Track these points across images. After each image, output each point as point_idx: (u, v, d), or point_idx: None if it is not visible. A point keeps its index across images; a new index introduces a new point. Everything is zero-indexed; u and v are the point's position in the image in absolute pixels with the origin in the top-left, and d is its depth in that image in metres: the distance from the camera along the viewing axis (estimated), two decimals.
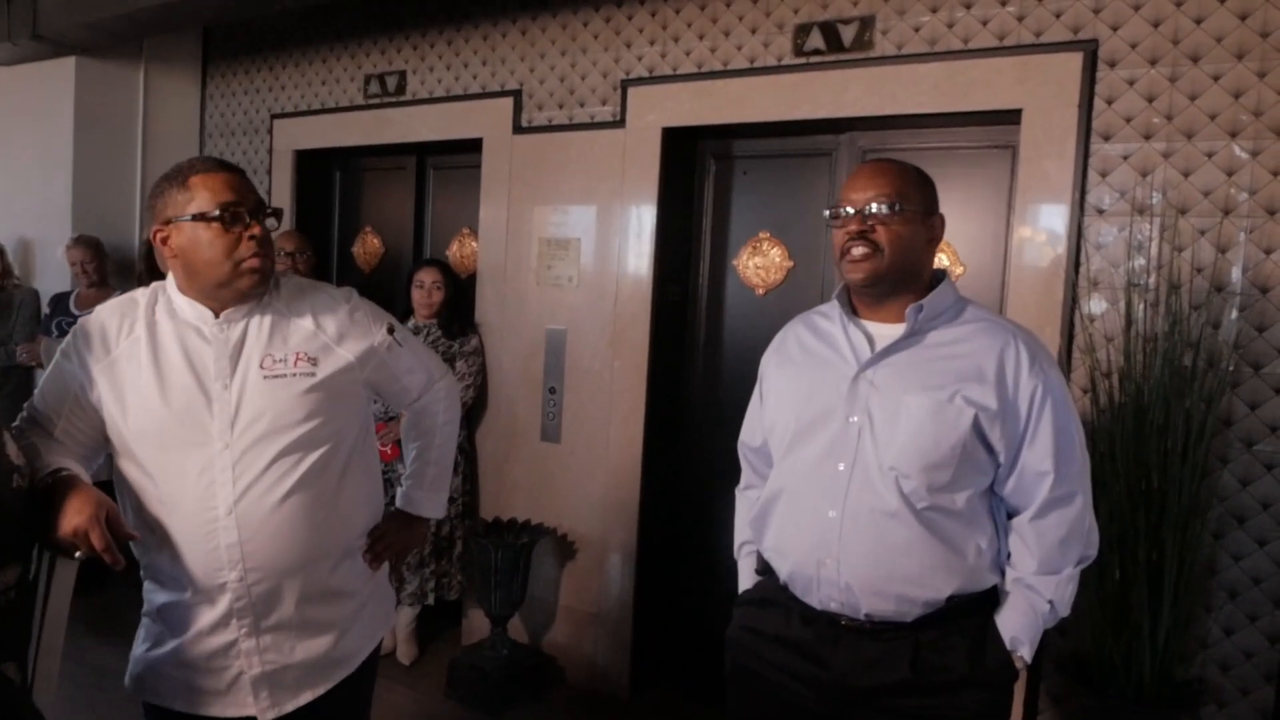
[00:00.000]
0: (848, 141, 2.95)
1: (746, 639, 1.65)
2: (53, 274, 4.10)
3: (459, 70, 3.57)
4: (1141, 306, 2.31)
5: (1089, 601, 2.26)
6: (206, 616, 1.51)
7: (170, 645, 1.54)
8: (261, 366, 1.51)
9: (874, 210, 1.48)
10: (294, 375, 1.52)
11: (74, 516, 1.32)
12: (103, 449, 1.56)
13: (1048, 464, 1.45)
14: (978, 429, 1.44)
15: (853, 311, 1.59)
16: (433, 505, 1.85)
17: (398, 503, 1.84)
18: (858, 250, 1.49)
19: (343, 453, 1.59)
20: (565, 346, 3.34)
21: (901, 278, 1.51)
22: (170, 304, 1.55)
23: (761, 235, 3.15)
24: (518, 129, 3.42)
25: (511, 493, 3.49)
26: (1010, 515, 1.54)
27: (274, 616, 1.53)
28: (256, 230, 1.48)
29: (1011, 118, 2.53)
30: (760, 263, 3.16)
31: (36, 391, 1.60)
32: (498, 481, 3.52)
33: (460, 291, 3.57)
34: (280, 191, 4.15)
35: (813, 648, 1.53)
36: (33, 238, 4.24)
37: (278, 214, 1.55)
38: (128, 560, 1.40)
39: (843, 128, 2.92)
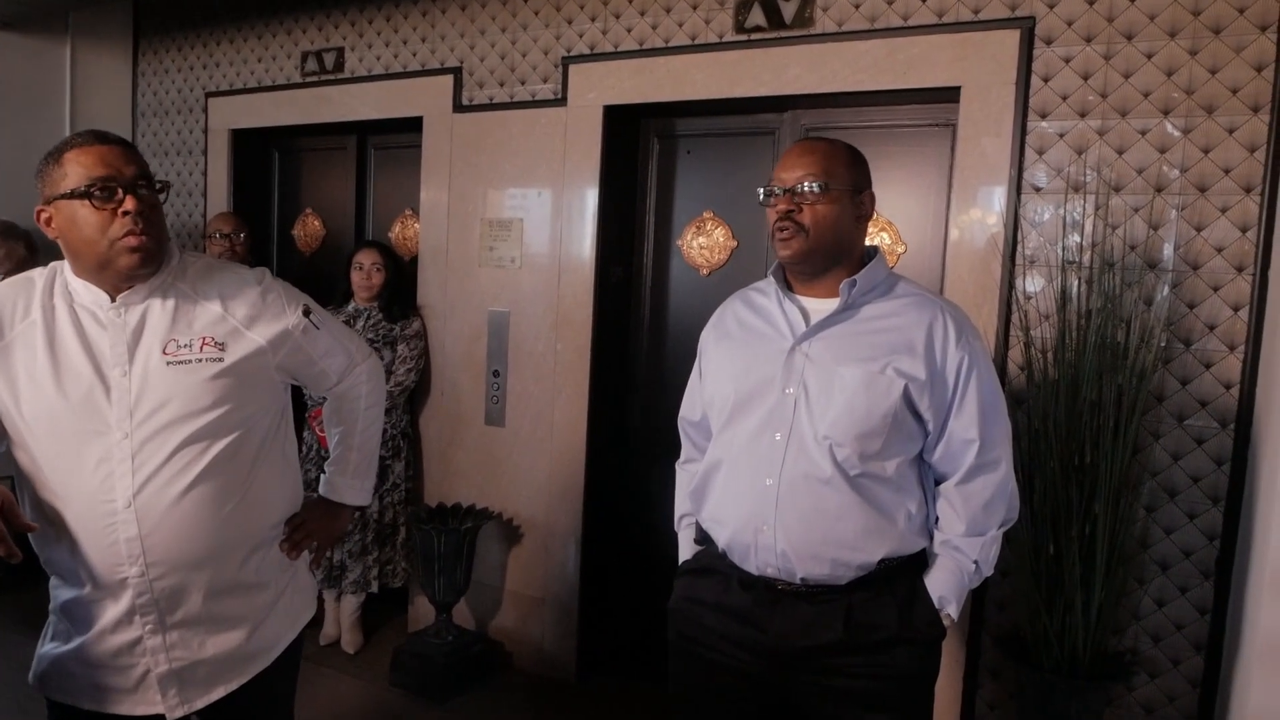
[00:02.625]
0: (790, 120, 2.89)
1: (686, 608, 1.67)
2: None
3: (398, 47, 3.45)
4: (1076, 284, 2.29)
5: (1024, 577, 2.25)
6: (109, 613, 1.42)
7: (75, 642, 1.45)
8: (164, 352, 1.42)
9: (801, 190, 1.51)
10: (199, 361, 1.43)
11: None
12: (2, 439, 1.45)
13: (974, 431, 1.51)
14: (907, 399, 1.49)
15: (788, 287, 1.62)
16: (357, 492, 1.77)
17: (320, 490, 1.76)
18: (785, 230, 1.52)
19: (255, 440, 1.51)
20: (508, 329, 3.26)
21: (830, 255, 1.54)
22: (67, 286, 1.45)
23: (705, 215, 3.09)
24: (458, 107, 3.31)
25: (456, 478, 3.40)
26: (938, 481, 1.59)
27: (180, 612, 1.44)
28: (130, 205, 1.35)
29: (950, 95, 2.49)
30: (704, 243, 3.10)
31: None
32: (442, 466, 3.43)
33: (402, 274, 3.46)
34: (217, 172, 3.99)
35: (751, 613, 1.56)
36: None
37: (162, 187, 1.44)
38: (30, 555, 1.31)
39: (785, 106, 2.86)
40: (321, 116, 3.65)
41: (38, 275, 1.47)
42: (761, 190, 1.56)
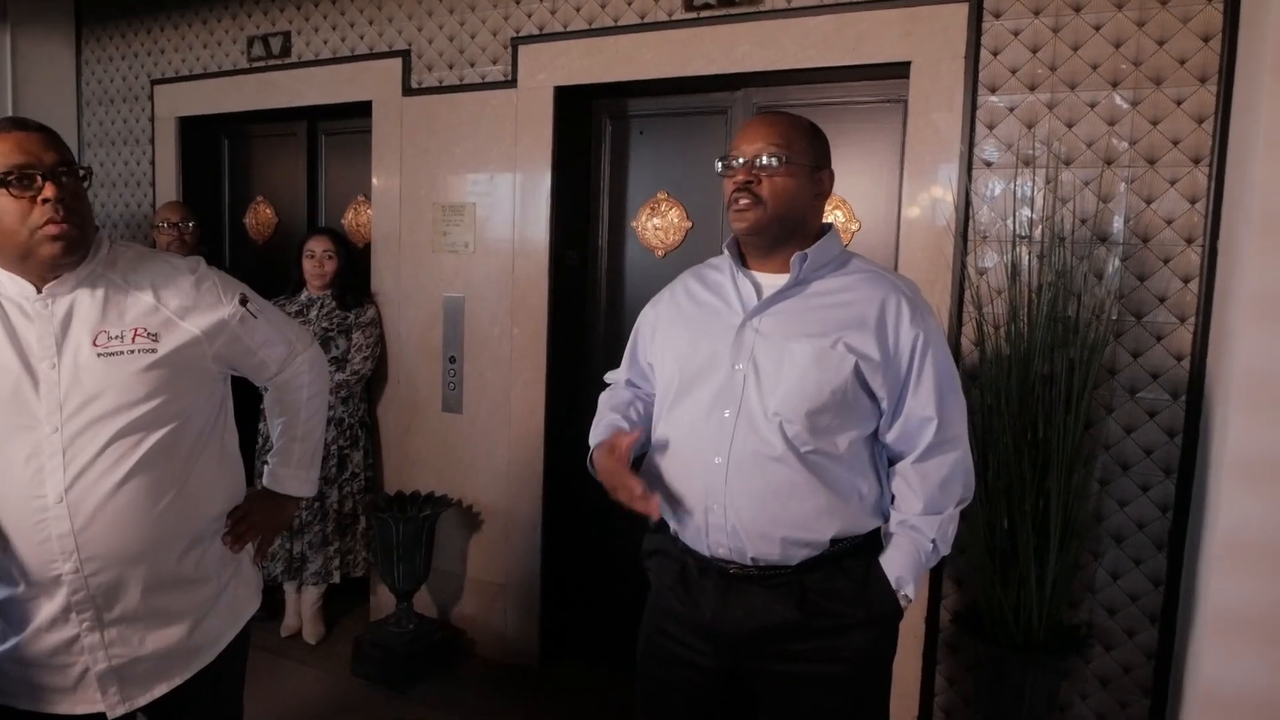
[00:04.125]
0: (743, 98, 2.80)
1: (655, 598, 1.61)
2: None
3: (345, 30, 3.30)
4: (1028, 259, 2.23)
5: (979, 553, 2.19)
6: (44, 611, 1.35)
7: (11, 643, 1.37)
8: (95, 344, 1.35)
9: (761, 162, 1.44)
10: (132, 352, 1.36)
11: None
12: None
13: (931, 409, 1.45)
14: (859, 375, 1.42)
15: (742, 262, 1.55)
16: (301, 483, 1.70)
17: (264, 481, 1.69)
18: (742, 200, 1.45)
19: (192, 432, 1.44)
20: (464, 314, 3.14)
21: (786, 229, 1.47)
22: None
23: (660, 196, 2.99)
24: (407, 90, 3.17)
25: (415, 465, 3.29)
26: (893, 461, 1.53)
27: (118, 608, 1.38)
28: (50, 192, 1.29)
29: (901, 71, 2.41)
30: (659, 224, 3.00)
31: None
32: (400, 454, 3.32)
33: (355, 261, 3.33)
34: (165, 161, 3.82)
35: (705, 598, 1.50)
36: None
37: (85, 174, 1.36)
38: None
39: (737, 84, 2.77)
40: (270, 102, 3.50)
41: None
42: (720, 161, 1.49)
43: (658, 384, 1.61)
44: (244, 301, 1.50)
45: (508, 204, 3.02)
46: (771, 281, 1.49)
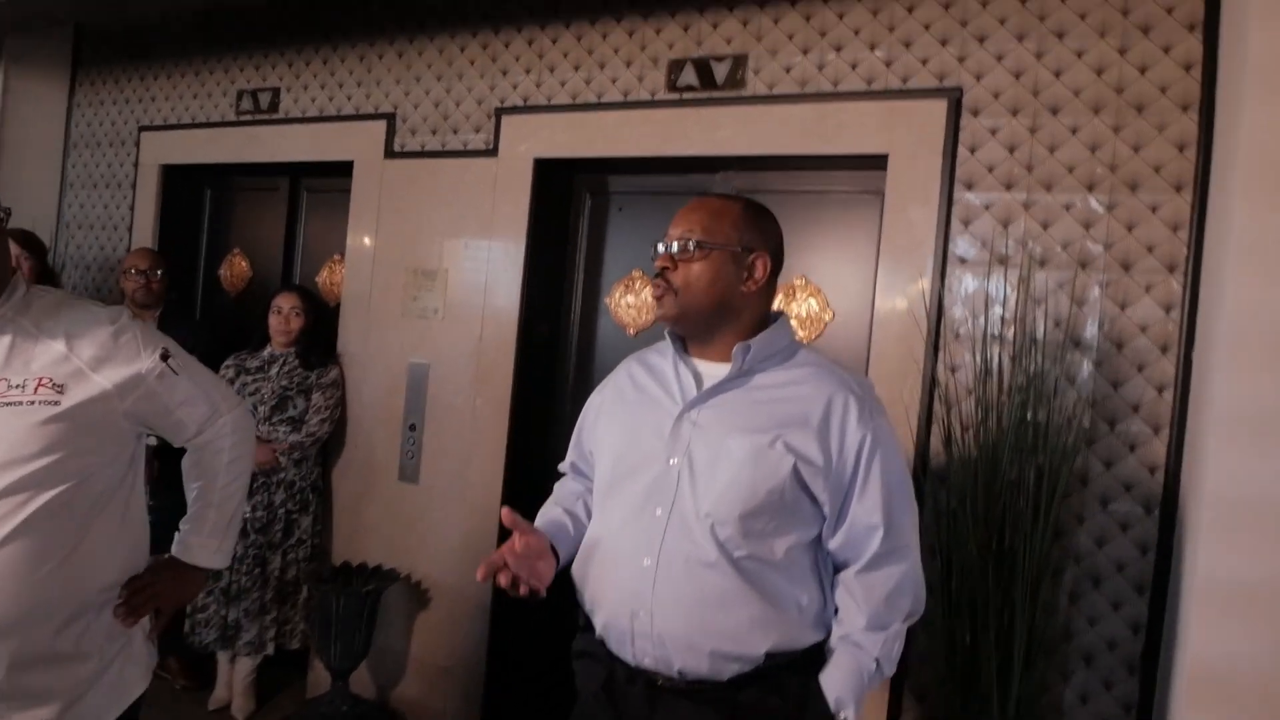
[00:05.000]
0: (722, 181, 2.76)
1: (580, 697, 1.47)
2: None
3: (333, 90, 3.28)
4: (999, 359, 2.15)
5: (939, 667, 2.05)
6: None
7: None
8: None
9: (674, 248, 1.37)
10: (32, 404, 1.25)
11: None
12: None
13: (877, 517, 1.34)
14: (798, 477, 1.31)
15: (685, 349, 1.45)
16: (212, 554, 1.56)
17: (173, 549, 1.54)
18: (657, 289, 1.38)
19: (91, 493, 1.32)
20: (428, 382, 3.03)
21: (709, 317, 1.39)
22: None
23: (635, 274, 2.92)
24: (390, 153, 3.13)
25: (366, 535, 3.13)
26: (837, 569, 1.40)
27: None
28: None
29: (879, 163, 2.37)
30: (632, 301, 2.92)
31: None
32: (353, 523, 3.16)
33: (323, 320, 3.23)
34: (144, 207, 3.75)
35: (631, 709, 1.38)
36: None
37: (2, 214, 1.29)
38: None
39: (718, 167, 2.73)
40: (253, 156, 3.45)
41: None
42: (654, 246, 1.41)
43: (596, 474, 1.49)
44: (165, 357, 1.40)
45: (481, 272, 2.95)
46: (712, 371, 1.41)
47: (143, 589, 1.43)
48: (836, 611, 1.38)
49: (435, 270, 3.04)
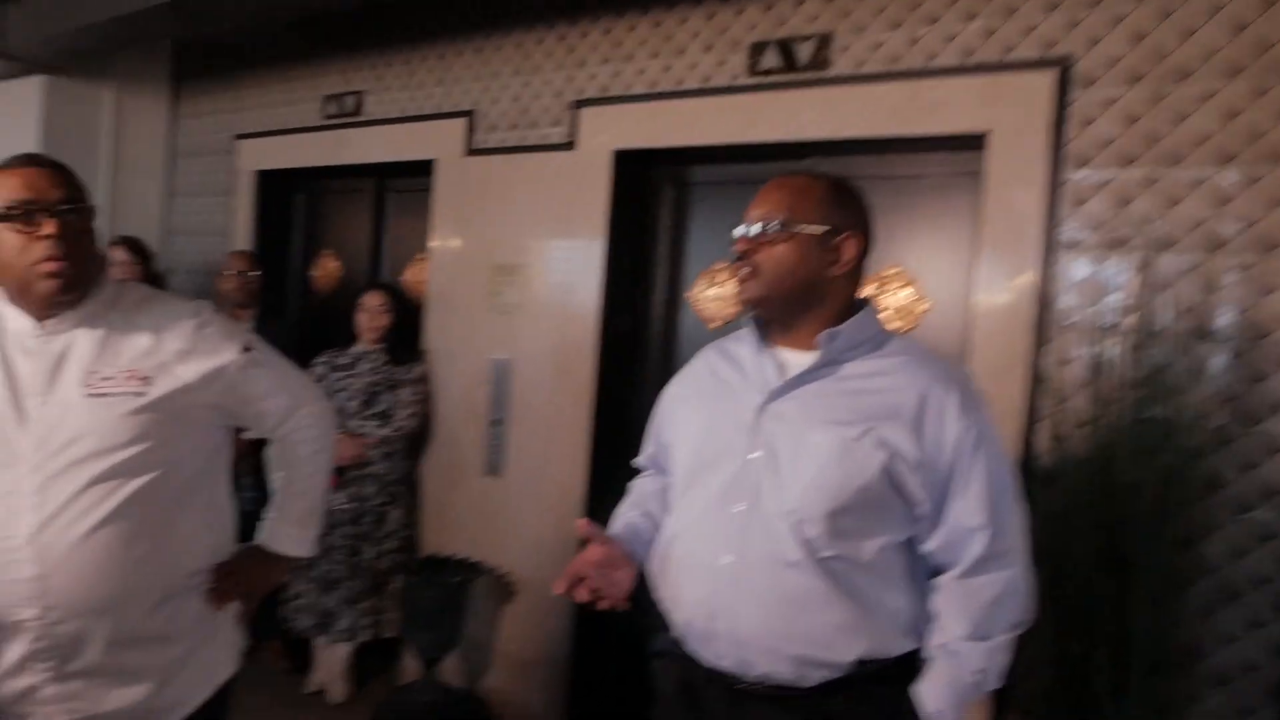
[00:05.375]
0: (807, 168, 2.59)
1: (660, 699, 1.42)
2: None
3: (414, 91, 3.26)
4: (1114, 351, 1.94)
5: (1045, 681, 1.87)
6: (7, 657, 1.28)
7: None
8: (85, 384, 1.29)
9: (756, 230, 1.27)
10: (121, 395, 1.29)
11: None
12: None
13: (981, 518, 1.23)
14: (890, 473, 1.21)
15: (766, 338, 1.35)
16: (296, 543, 1.58)
17: (258, 536, 1.56)
18: (741, 272, 1.29)
19: (177, 482, 1.35)
20: (511, 377, 2.99)
21: (793, 303, 1.29)
22: (1, 315, 1.33)
23: (718, 266, 2.80)
24: (470, 151, 3.09)
25: (453, 528, 3.12)
26: (935, 573, 1.28)
27: (80, 660, 1.29)
28: (50, 229, 1.25)
29: (977, 143, 2.18)
30: (716, 294, 2.80)
31: None
32: (440, 516, 3.16)
33: (409, 317, 3.23)
34: (242, 212, 3.85)
35: (711, 711, 1.31)
36: None
37: (87, 210, 1.32)
38: None
39: (803, 153, 2.56)
40: (340, 159, 3.48)
41: None
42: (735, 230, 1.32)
43: (673, 468, 1.42)
44: (247, 350, 1.42)
45: (561, 267, 2.88)
46: (797, 360, 1.31)
47: (230, 574, 1.47)
48: (934, 619, 1.27)
49: (516, 266, 2.99)
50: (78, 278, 1.30)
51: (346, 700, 3.12)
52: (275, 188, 3.86)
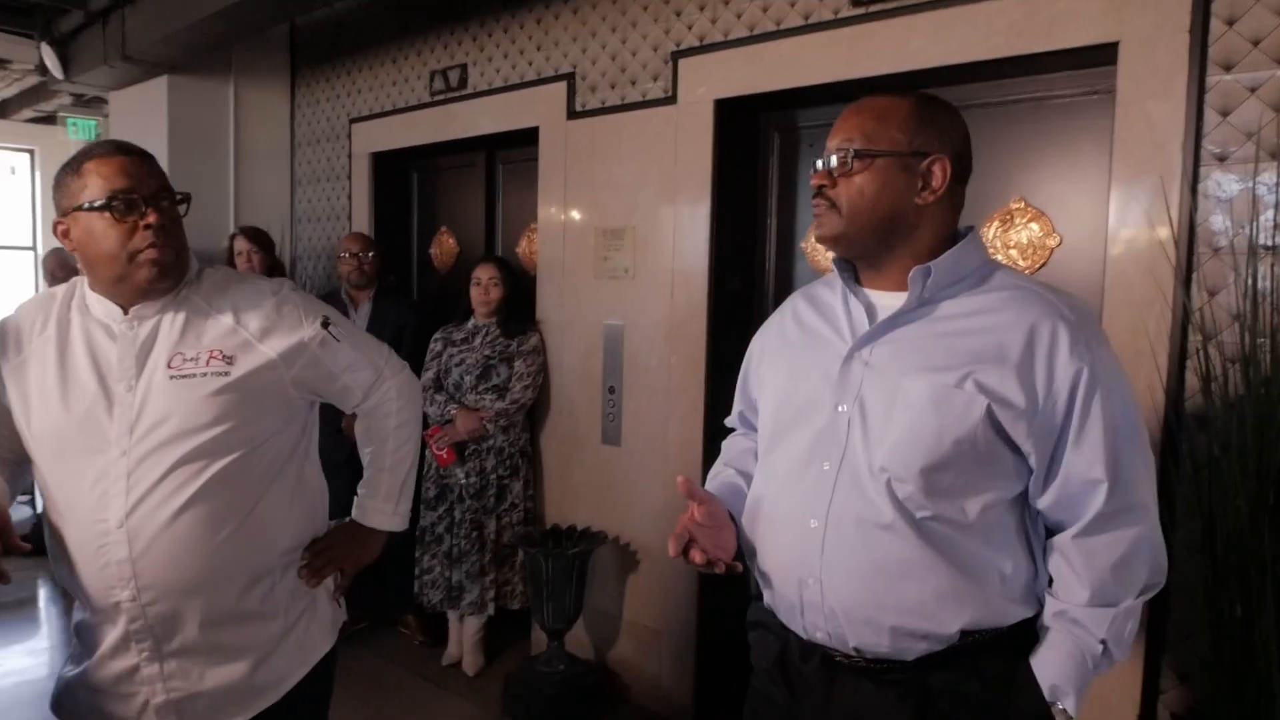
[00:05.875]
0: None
1: (752, 700, 1.46)
2: None
3: (515, 58, 3.43)
4: (1272, 275, 1.84)
5: (1202, 645, 1.82)
6: (108, 638, 1.40)
7: (83, 666, 1.44)
8: (170, 366, 1.38)
9: (833, 162, 1.25)
10: (204, 375, 1.38)
11: None
12: (25, 458, 1.46)
13: (1099, 470, 1.16)
14: (994, 422, 1.16)
15: (855, 278, 1.33)
16: (387, 517, 1.66)
17: (353, 512, 1.67)
18: (817, 208, 1.27)
19: (263, 461, 1.44)
20: (623, 343, 3.13)
21: (877, 237, 1.25)
22: (84, 300, 1.45)
23: None
24: (571, 114, 3.23)
25: (574, 498, 3.31)
26: (1051, 531, 1.24)
27: (176, 640, 1.39)
28: (152, 218, 1.34)
29: (1106, 56, 2.10)
30: None
31: None
32: (561, 486, 3.35)
33: (521, 289, 3.42)
34: (359, 195, 4.16)
35: (807, 688, 1.31)
36: None
37: (183, 199, 1.42)
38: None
39: (915, 83, 2.53)
40: (448, 134, 3.71)
41: (61, 290, 1.48)
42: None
43: (759, 425, 1.43)
44: (326, 324, 1.50)
45: (667, 226, 2.98)
46: (887, 302, 1.27)
47: (323, 551, 1.55)
48: (1050, 583, 1.23)
49: (623, 229, 3.11)
50: (176, 265, 1.39)
51: (480, 672, 3.38)
52: (390, 168, 4.16)
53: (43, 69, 4.37)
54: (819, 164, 1.28)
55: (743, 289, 2.99)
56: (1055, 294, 1.22)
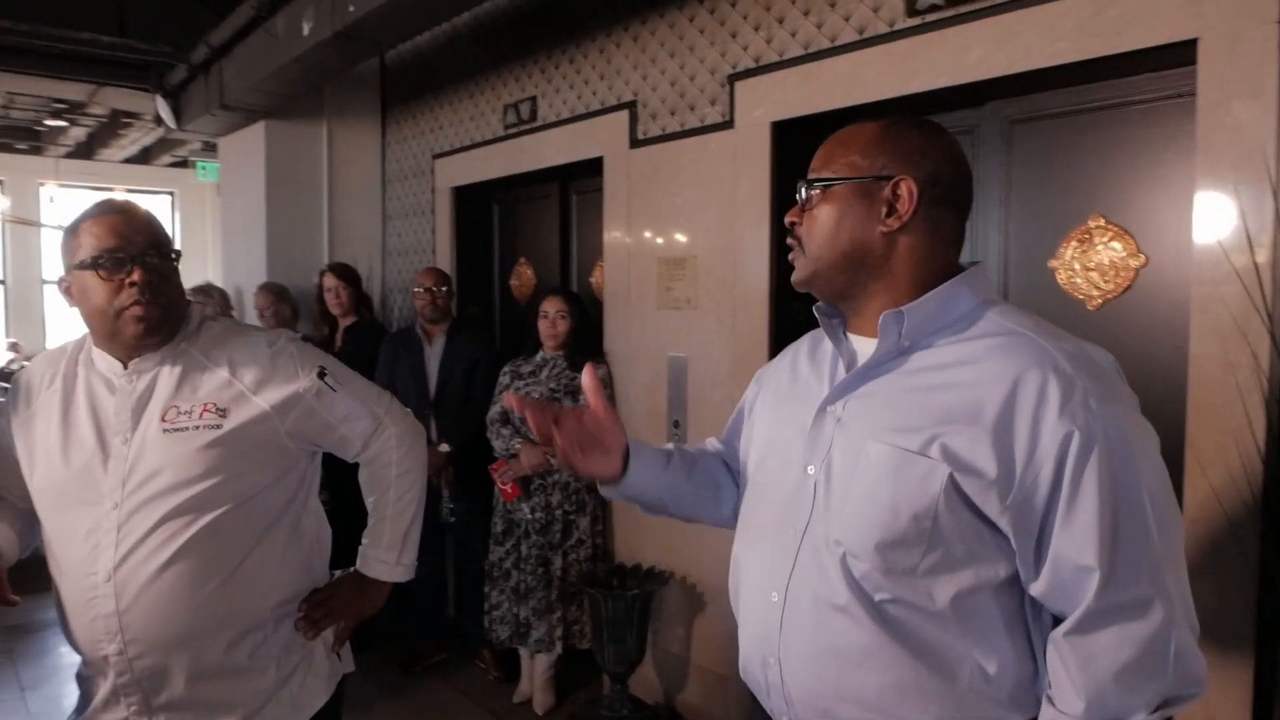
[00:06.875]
0: (991, 113, 2.43)
1: None
2: (252, 317, 4.55)
3: (580, 88, 3.47)
4: None
5: None
6: (100, 691, 1.44)
7: (82, 718, 1.48)
8: (164, 419, 1.41)
9: (800, 197, 1.17)
10: (196, 428, 1.41)
11: None
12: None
13: (1090, 555, 0.98)
14: (960, 495, 1.02)
15: (845, 325, 1.22)
16: (389, 568, 1.64)
17: (356, 563, 1.67)
18: (791, 250, 1.20)
19: (255, 514, 1.46)
20: (687, 375, 3.08)
21: (846, 274, 1.14)
22: (90, 355, 1.50)
23: None
24: (634, 142, 3.23)
25: (644, 535, 3.27)
26: (1058, 621, 1.06)
27: (164, 695, 1.42)
28: (137, 276, 1.38)
29: (1184, 55, 1.91)
30: None
31: None
32: (630, 523, 3.32)
33: (589, 321, 3.43)
34: (442, 229, 4.30)
35: None
36: (241, 285, 4.76)
37: (171, 255, 1.45)
38: None
39: (980, 97, 2.41)
40: (520, 167, 3.78)
41: (72, 345, 1.54)
42: None
43: (741, 480, 1.35)
44: (322, 374, 1.51)
45: (728, 254, 2.91)
46: (867, 349, 1.14)
47: (322, 603, 1.55)
48: (1050, 685, 1.05)
49: (684, 259, 3.07)
50: (163, 321, 1.41)
51: (550, 711, 3.37)
52: (472, 202, 4.28)
53: (159, 119, 4.75)
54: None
55: (806, 317, 2.88)
56: (1058, 341, 1.05)
